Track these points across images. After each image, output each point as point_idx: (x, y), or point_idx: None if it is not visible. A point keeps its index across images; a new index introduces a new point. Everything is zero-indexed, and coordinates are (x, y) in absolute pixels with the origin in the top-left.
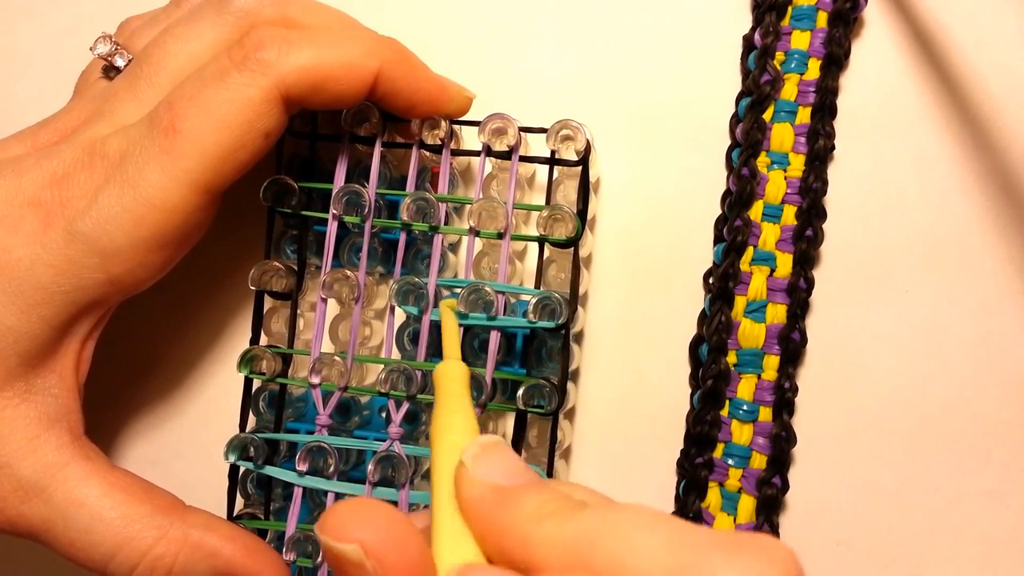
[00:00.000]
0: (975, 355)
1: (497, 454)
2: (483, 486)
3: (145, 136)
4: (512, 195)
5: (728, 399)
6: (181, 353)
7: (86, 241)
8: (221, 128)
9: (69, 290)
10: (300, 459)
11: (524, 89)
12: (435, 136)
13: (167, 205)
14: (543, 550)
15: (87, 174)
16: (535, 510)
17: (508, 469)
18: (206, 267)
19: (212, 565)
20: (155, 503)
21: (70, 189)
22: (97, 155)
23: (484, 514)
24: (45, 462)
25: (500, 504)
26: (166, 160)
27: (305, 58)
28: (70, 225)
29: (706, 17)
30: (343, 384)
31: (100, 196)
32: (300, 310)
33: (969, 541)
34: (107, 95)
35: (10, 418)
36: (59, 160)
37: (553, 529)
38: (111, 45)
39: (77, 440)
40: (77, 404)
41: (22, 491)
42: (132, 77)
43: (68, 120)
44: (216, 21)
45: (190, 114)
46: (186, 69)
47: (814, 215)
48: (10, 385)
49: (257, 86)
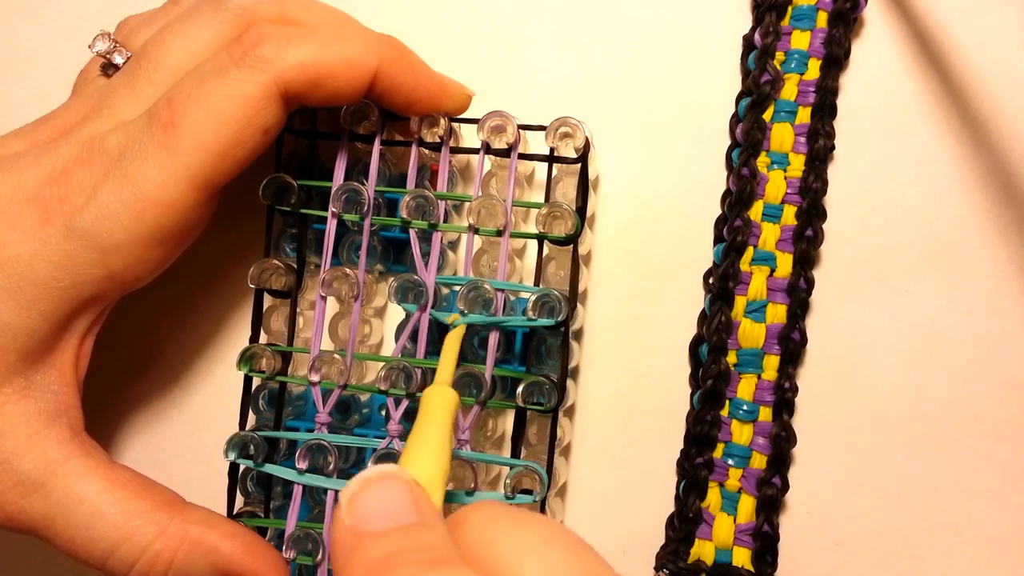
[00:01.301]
0: (975, 355)
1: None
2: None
3: (144, 132)
4: (511, 193)
5: (728, 399)
6: (181, 351)
7: (85, 237)
8: (220, 124)
9: (68, 286)
10: (300, 457)
11: (524, 89)
12: (434, 134)
13: (166, 201)
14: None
15: (86, 170)
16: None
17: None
18: (206, 265)
19: (211, 562)
20: (155, 499)
21: (69, 185)
22: (96, 151)
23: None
24: (45, 458)
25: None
26: (165, 156)
27: (304, 54)
28: (69, 221)
29: (706, 17)
30: (343, 382)
31: (99, 192)
32: (300, 308)
33: (969, 541)
34: (106, 92)
35: (10, 414)
36: (58, 156)
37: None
38: (110, 43)
39: (77, 436)
40: (77, 400)
41: (22, 487)
42: (131, 74)
43: (67, 117)
44: (214, 18)
45: (189, 110)
46: (184, 66)
47: (814, 215)
48: (9, 381)
49: (256, 82)
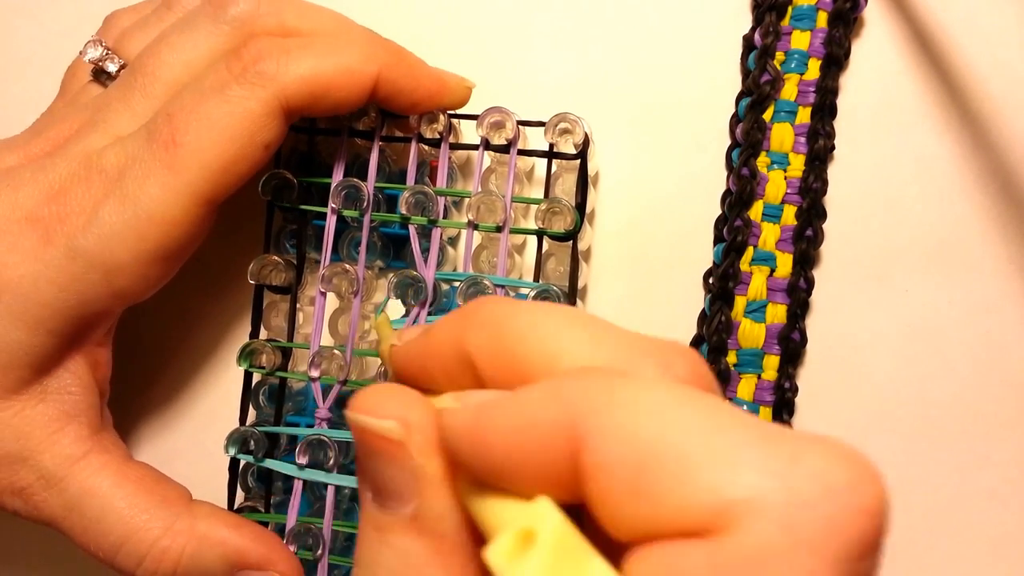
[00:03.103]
0: (975, 355)
1: (414, 329)
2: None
3: (144, 150)
4: (511, 189)
5: (728, 399)
6: (181, 348)
7: (88, 258)
8: (222, 141)
9: (74, 305)
10: (300, 452)
11: (524, 89)
12: (433, 130)
13: (169, 219)
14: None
15: (84, 188)
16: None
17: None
18: (206, 262)
19: (221, 554)
20: (163, 495)
21: (68, 204)
22: (94, 169)
23: (417, 353)
24: (63, 454)
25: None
26: (167, 174)
27: (304, 68)
28: (71, 242)
29: (706, 17)
30: (342, 377)
31: (100, 211)
32: (299, 304)
33: (969, 541)
34: (100, 105)
35: (30, 416)
36: (55, 174)
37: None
38: (102, 50)
39: (96, 434)
40: (96, 400)
41: (43, 480)
42: (126, 87)
43: (60, 130)
44: (212, 30)
45: (191, 128)
46: (181, 79)
47: (814, 215)
48: (26, 390)
49: (257, 99)
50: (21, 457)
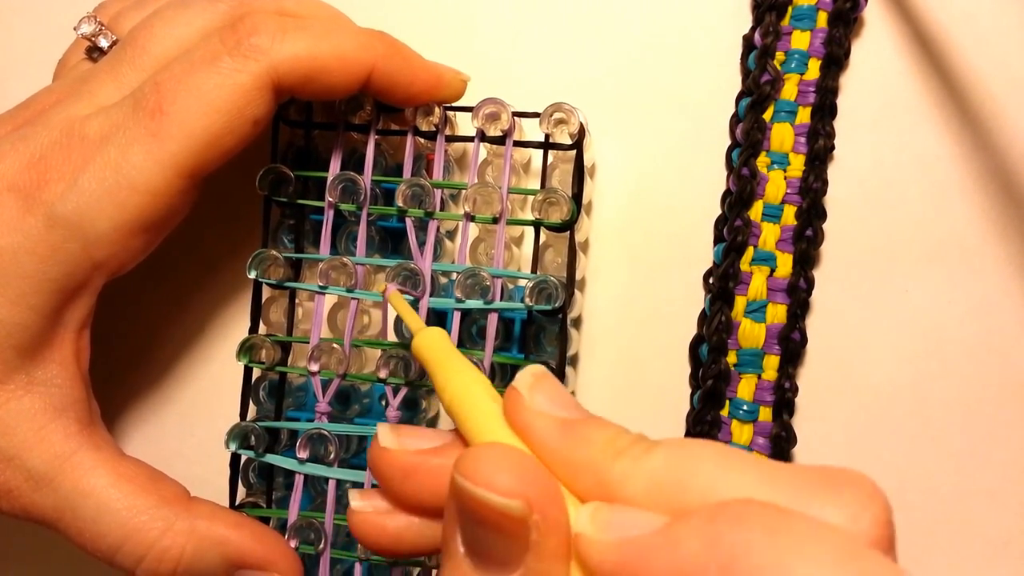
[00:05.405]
0: (975, 355)
1: (548, 383)
2: (544, 418)
3: (129, 118)
4: (507, 180)
5: (728, 399)
6: (180, 343)
7: (67, 226)
8: (210, 113)
9: (55, 276)
10: (301, 447)
11: (522, 90)
12: (429, 123)
13: (150, 188)
14: (625, 489)
15: (65, 155)
16: (606, 445)
17: (562, 400)
18: (204, 258)
19: (222, 553)
20: (161, 494)
21: (48, 171)
22: (75, 136)
23: (550, 449)
24: (52, 452)
25: (567, 438)
26: (152, 142)
27: (299, 47)
28: (50, 210)
29: (706, 17)
30: (342, 371)
31: (80, 179)
32: (298, 299)
33: (969, 541)
34: (87, 76)
35: (15, 410)
36: (35, 142)
37: (630, 466)
38: (95, 25)
39: (85, 429)
40: (83, 393)
41: (32, 481)
42: (115, 59)
43: (45, 99)
44: (208, 8)
45: (179, 97)
46: (171, 54)
47: (814, 215)
48: (11, 378)
49: (248, 72)
50: (7, 456)
